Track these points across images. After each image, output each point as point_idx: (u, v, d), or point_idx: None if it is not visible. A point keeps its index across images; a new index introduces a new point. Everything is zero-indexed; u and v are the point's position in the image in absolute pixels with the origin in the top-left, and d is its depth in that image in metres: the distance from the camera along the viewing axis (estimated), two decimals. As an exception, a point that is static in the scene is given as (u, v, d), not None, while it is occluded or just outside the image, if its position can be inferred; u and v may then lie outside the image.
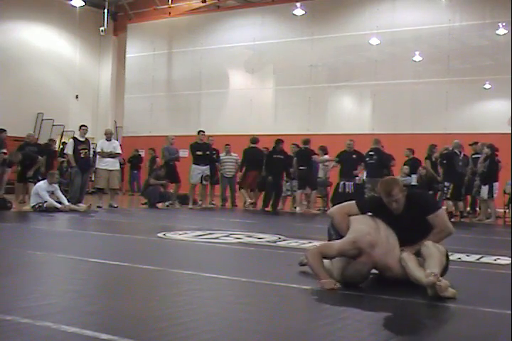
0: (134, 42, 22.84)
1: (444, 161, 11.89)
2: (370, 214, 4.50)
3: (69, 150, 11.93)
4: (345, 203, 4.67)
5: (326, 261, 4.56)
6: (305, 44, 19.07)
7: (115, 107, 23.85)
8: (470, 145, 12.40)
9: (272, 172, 12.99)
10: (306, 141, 12.92)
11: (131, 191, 19.04)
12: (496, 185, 11.47)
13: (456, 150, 11.94)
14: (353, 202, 4.63)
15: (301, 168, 12.64)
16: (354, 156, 12.58)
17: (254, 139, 13.67)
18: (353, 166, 12.45)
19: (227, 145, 14.04)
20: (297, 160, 12.74)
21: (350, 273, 4.07)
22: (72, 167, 12.13)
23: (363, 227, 4.24)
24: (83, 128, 12.18)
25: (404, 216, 4.34)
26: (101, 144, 12.41)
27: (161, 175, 13.23)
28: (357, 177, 12.45)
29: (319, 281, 4.07)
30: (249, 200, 13.36)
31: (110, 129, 13.50)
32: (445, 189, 11.63)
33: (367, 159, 12.01)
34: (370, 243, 4.12)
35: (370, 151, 12.13)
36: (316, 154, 12.86)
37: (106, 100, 24.00)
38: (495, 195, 11.46)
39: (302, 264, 4.79)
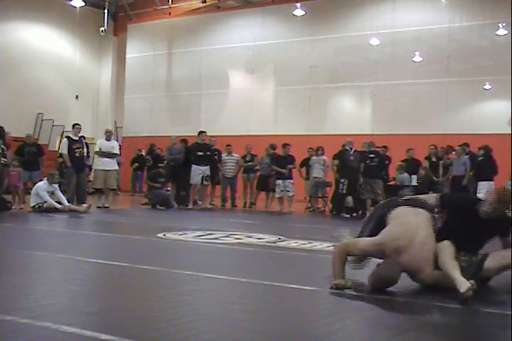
0: (134, 43, 22.81)
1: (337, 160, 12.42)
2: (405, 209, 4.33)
3: (64, 149, 11.83)
4: (427, 195, 4.63)
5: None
6: (305, 44, 19.05)
7: (115, 107, 23.83)
8: (459, 145, 12.50)
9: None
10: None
11: (132, 191, 19.00)
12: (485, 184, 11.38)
13: (346, 147, 12.36)
14: (434, 195, 4.62)
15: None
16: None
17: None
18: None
19: (228, 145, 14.09)
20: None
21: (378, 277, 3.97)
22: (67, 167, 11.94)
23: (396, 230, 4.09)
24: (77, 127, 12.11)
25: (481, 225, 4.25)
26: (100, 143, 12.39)
27: (160, 175, 13.24)
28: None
29: (331, 280, 4.04)
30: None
31: (110, 129, 13.48)
32: (340, 185, 12.08)
33: (367, 161, 12.05)
34: (396, 249, 3.99)
35: (370, 154, 12.15)
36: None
37: (106, 100, 23.99)
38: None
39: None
